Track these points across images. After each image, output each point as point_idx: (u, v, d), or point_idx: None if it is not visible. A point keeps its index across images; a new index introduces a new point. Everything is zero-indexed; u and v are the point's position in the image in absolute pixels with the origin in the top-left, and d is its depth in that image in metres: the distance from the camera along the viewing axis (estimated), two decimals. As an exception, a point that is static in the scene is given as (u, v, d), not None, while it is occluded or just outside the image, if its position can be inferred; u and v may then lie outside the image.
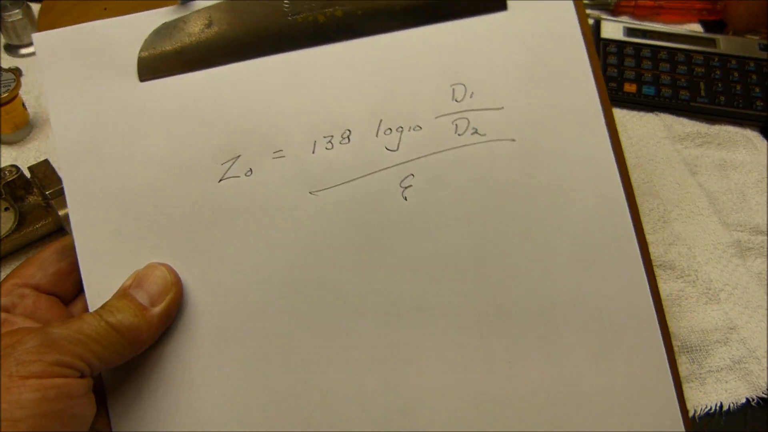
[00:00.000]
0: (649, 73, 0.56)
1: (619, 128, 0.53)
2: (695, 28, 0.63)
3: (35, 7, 0.58)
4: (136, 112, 0.31)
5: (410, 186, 0.31)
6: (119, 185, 0.30)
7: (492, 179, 0.31)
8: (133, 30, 0.31)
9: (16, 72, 0.51)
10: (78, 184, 0.30)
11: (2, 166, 0.43)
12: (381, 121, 0.31)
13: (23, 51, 0.57)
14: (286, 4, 0.32)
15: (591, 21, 0.62)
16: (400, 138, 0.31)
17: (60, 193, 0.40)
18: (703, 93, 0.54)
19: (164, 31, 0.31)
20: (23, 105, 0.49)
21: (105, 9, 0.32)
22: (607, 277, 0.31)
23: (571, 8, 0.33)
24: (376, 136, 0.31)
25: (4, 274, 0.41)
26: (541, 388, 0.30)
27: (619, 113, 0.54)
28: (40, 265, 0.30)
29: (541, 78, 0.32)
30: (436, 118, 0.32)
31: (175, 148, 0.31)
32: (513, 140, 0.32)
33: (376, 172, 0.31)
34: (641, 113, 0.54)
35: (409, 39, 0.32)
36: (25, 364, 0.23)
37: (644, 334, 0.31)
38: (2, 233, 0.41)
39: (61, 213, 0.41)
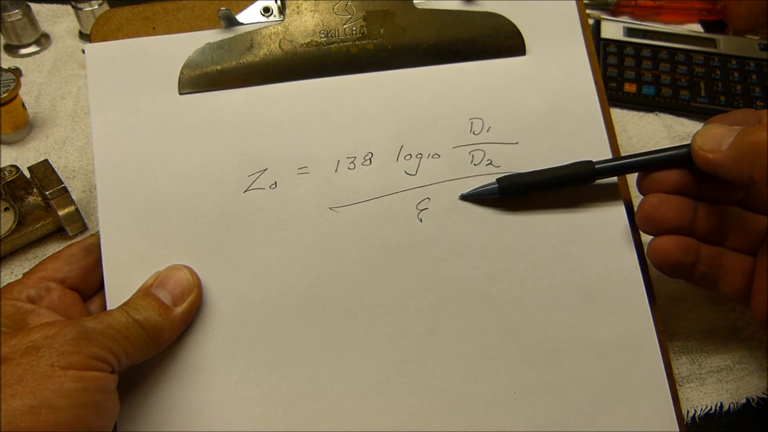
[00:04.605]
0: (649, 73, 0.56)
1: (619, 128, 0.53)
2: (695, 28, 0.63)
3: (35, 8, 0.58)
4: (173, 121, 0.33)
5: (426, 209, 0.33)
6: (150, 189, 0.32)
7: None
8: (178, 47, 0.33)
9: (16, 72, 0.51)
10: (110, 185, 0.32)
11: (2, 166, 0.43)
12: (402, 146, 0.33)
13: (23, 51, 0.57)
14: (323, 35, 0.34)
15: (591, 21, 0.62)
16: (419, 164, 0.33)
17: (60, 193, 0.40)
18: (703, 93, 0.54)
19: (207, 50, 0.33)
20: (23, 105, 0.49)
21: (154, 29, 0.34)
22: (614, 320, 0.32)
23: (584, 58, 0.35)
24: (397, 160, 0.33)
25: (4, 274, 0.41)
26: (546, 420, 0.31)
27: (619, 113, 0.54)
28: (68, 260, 0.31)
29: (555, 120, 0.34)
30: (454, 147, 0.33)
31: (206, 158, 0.32)
32: None
33: (394, 193, 0.33)
34: (641, 113, 0.54)
35: (434, 74, 0.34)
36: (65, 355, 0.24)
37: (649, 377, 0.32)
38: (2, 233, 0.41)
39: (60, 213, 0.41)
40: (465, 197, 0.32)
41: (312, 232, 0.32)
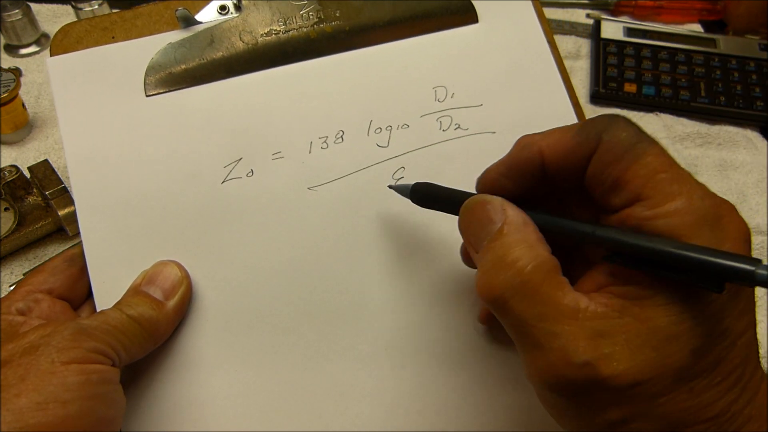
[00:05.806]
0: (649, 73, 0.56)
1: (619, 128, 0.53)
2: (695, 28, 0.63)
3: (35, 8, 0.58)
4: (143, 123, 0.33)
5: (402, 177, 0.33)
6: (126, 191, 0.32)
7: (476, 169, 0.33)
8: (141, 51, 0.34)
9: (16, 72, 0.51)
10: (86, 192, 0.32)
11: (2, 166, 0.43)
12: (371, 121, 0.34)
13: (23, 51, 0.57)
14: (281, 23, 0.35)
15: (591, 21, 0.62)
16: (390, 135, 0.34)
17: (60, 193, 0.40)
18: (703, 93, 0.54)
19: (170, 50, 0.34)
20: (23, 105, 0.49)
21: (113, 38, 0.34)
22: None
23: (534, 19, 0.37)
24: (368, 135, 0.34)
25: (4, 274, 0.41)
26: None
27: (619, 113, 0.54)
28: (51, 271, 0.31)
29: (515, 79, 0.36)
30: (422, 116, 0.34)
31: (180, 154, 0.33)
32: (494, 132, 0.34)
33: (369, 166, 0.33)
34: (641, 113, 0.54)
35: (393, 50, 0.35)
36: (64, 351, 0.24)
37: None
38: (2, 233, 0.41)
39: (60, 213, 0.41)
40: (391, 188, 0.32)
41: (293, 213, 0.32)
